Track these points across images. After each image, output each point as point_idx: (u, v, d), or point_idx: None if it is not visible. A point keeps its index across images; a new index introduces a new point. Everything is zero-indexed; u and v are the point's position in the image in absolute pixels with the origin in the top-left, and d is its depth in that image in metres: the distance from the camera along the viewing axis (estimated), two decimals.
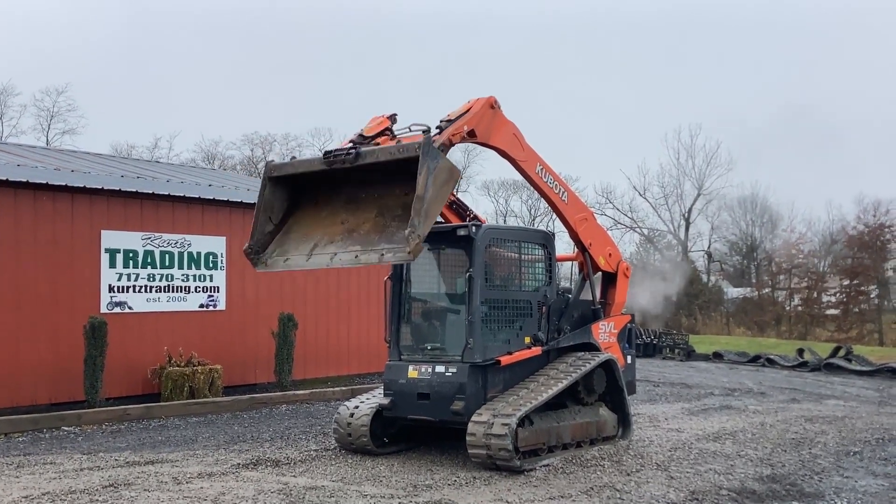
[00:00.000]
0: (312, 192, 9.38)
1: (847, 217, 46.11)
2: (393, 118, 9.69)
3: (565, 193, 10.62)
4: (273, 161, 9.69)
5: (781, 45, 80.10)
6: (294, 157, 9.62)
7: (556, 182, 10.46)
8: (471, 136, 9.18)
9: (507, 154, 9.79)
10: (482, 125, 9.28)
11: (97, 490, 7.99)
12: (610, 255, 11.35)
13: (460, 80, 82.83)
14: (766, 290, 43.33)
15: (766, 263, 45.46)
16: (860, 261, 38.49)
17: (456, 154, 60.28)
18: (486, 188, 61.10)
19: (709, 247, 51.82)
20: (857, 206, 47.85)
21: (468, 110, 9.21)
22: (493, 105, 9.40)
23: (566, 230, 11.02)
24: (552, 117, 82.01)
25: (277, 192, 9.31)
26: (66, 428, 12.28)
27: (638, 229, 52.92)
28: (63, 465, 9.43)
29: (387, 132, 9.34)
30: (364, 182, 8.96)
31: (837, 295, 39.44)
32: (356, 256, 8.47)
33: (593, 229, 11.18)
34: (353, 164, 8.66)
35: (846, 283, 38.67)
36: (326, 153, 8.89)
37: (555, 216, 11.28)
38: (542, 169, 10.19)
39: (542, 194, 10.48)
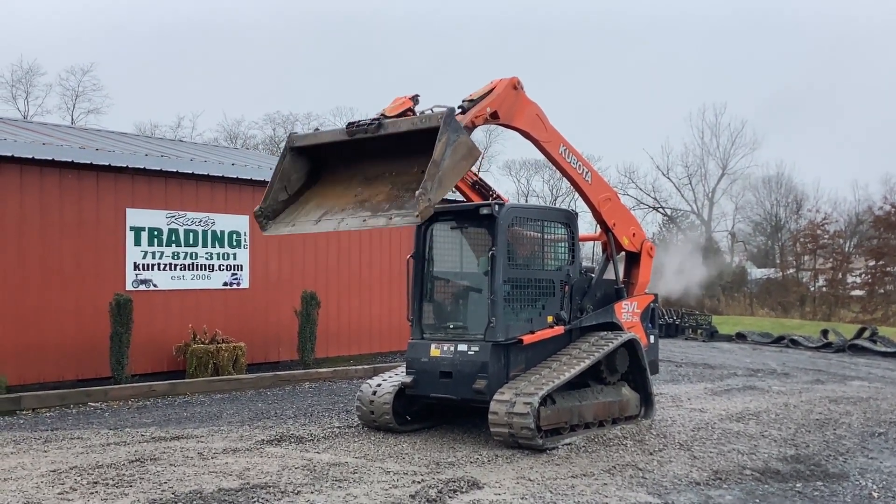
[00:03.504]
0: (331, 167, 9.39)
1: (873, 197, 45.67)
2: (415, 99, 9.67)
3: (589, 174, 10.55)
4: (296, 132, 9.75)
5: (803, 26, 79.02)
6: (318, 129, 9.68)
7: (579, 162, 10.39)
8: (493, 117, 9.14)
9: (530, 135, 9.74)
10: (505, 106, 9.22)
11: (124, 465, 8.10)
12: (634, 234, 11.27)
13: (483, 58, 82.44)
14: (791, 271, 42.98)
15: (790, 244, 45.04)
16: (886, 241, 38.04)
17: (478, 133, 59.91)
18: (507, 168, 60.96)
19: (733, 227, 51.52)
20: (883, 186, 47.34)
21: (490, 91, 9.15)
22: (515, 86, 9.33)
23: (589, 210, 10.96)
24: (574, 96, 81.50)
25: (297, 163, 9.35)
26: (92, 404, 12.45)
27: (661, 209, 52.66)
28: (90, 440, 9.56)
29: (409, 112, 9.31)
30: (383, 158, 8.96)
31: (863, 276, 39.06)
32: (364, 220, 8.51)
33: (617, 209, 11.11)
34: (374, 134, 8.69)
35: (872, 263, 38.26)
36: (349, 124, 8.96)
37: (577, 195, 11.21)
38: (565, 149, 10.13)
39: (566, 175, 10.42)
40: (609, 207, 10.88)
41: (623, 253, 11.39)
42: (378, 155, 9.01)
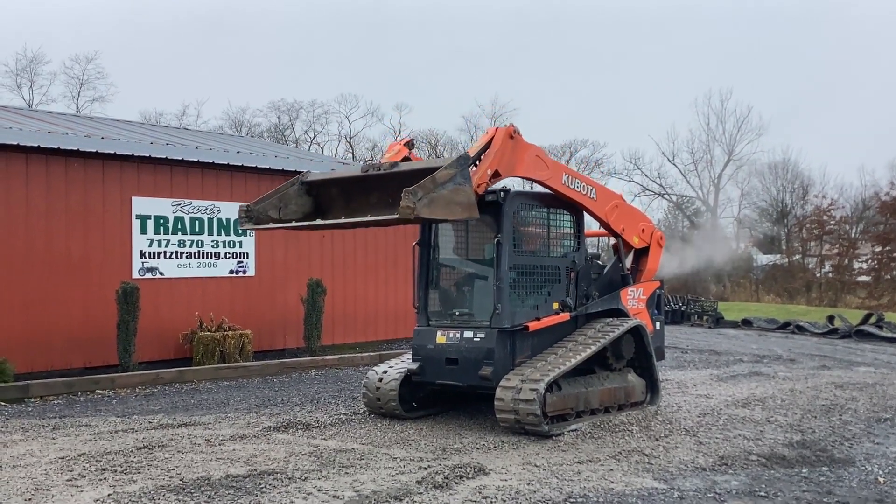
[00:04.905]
0: (331, 211, 9.40)
1: (880, 183, 45.50)
2: (410, 144, 9.80)
3: (593, 190, 10.45)
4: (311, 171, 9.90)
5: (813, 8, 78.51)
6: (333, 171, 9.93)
7: (583, 183, 10.30)
8: (495, 176, 8.99)
9: (532, 178, 9.67)
10: (504, 161, 9.03)
11: (132, 451, 8.15)
12: (643, 230, 11.27)
13: (488, 45, 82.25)
14: (797, 257, 42.91)
15: (796, 230, 44.93)
16: (893, 227, 37.96)
17: (483, 121, 60.15)
18: None
19: (739, 213, 51.35)
20: (890, 171, 47.18)
21: (488, 144, 8.92)
22: (512, 135, 9.11)
23: (597, 222, 10.90)
24: (580, 82, 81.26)
25: (301, 197, 9.43)
26: (100, 391, 12.50)
27: (666, 196, 52.56)
28: (98, 427, 9.62)
29: (406, 160, 9.45)
30: (383, 209, 8.89)
31: (869, 262, 39.02)
32: (341, 219, 8.69)
33: (624, 213, 11.02)
34: (388, 171, 8.75)
35: (878, 249, 38.21)
36: (364, 166, 9.12)
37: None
38: (568, 177, 10.04)
39: (573, 201, 10.29)
40: (617, 214, 10.82)
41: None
42: (379, 207, 8.95)
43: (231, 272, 15.82)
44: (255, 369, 14.35)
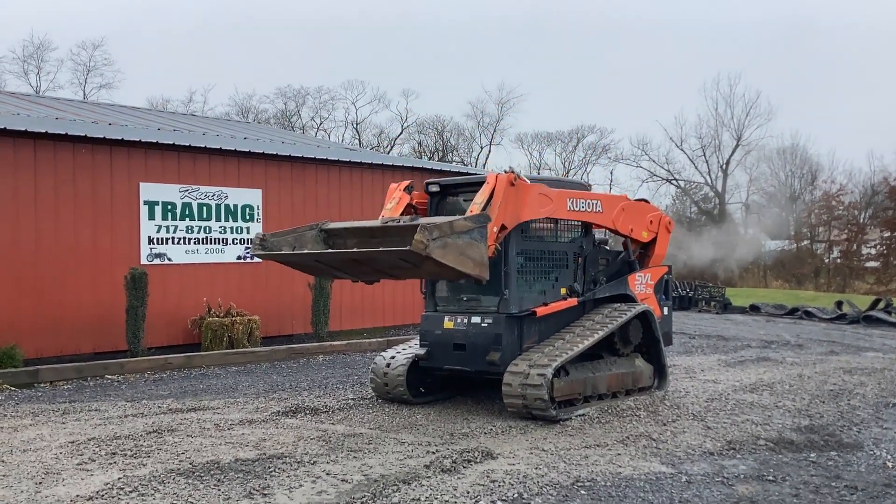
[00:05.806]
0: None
1: (889, 168, 45.33)
2: (409, 188, 9.82)
3: (598, 203, 10.37)
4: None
5: None
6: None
7: (587, 201, 10.26)
8: (502, 230, 8.85)
9: (539, 217, 9.58)
10: (509, 213, 8.89)
11: (141, 436, 8.19)
12: (651, 222, 11.21)
13: (495, 28, 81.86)
14: (805, 243, 42.81)
15: (805, 215, 44.77)
16: None
17: (490, 107, 59.88)
18: (519, 141, 60.82)
19: (747, 199, 51.19)
20: None
21: (490, 198, 8.72)
22: (513, 182, 8.93)
23: (605, 230, 10.84)
24: (587, 67, 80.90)
25: (317, 242, 9.39)
26: (109, 376, 12.57)
27: (674, 181, 52.42)
28: (108, 411, 9.67)
29: (409, 209, 9.42)
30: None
31: (878, 247, 38.93)
32: (353, 248, 8.71)
33: (630, 213, 10.91)
34: (407, 224, 8.71)
35: (887, 234, 38.11)
36: (383, 220, 9.11)
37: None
38: (572, 201, 10.01)
39: (580, 220, 10.27)
40: (623, 218, 10.75)
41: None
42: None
43: (239, 258, 15.86)
44: (263, 355, 14.40)
